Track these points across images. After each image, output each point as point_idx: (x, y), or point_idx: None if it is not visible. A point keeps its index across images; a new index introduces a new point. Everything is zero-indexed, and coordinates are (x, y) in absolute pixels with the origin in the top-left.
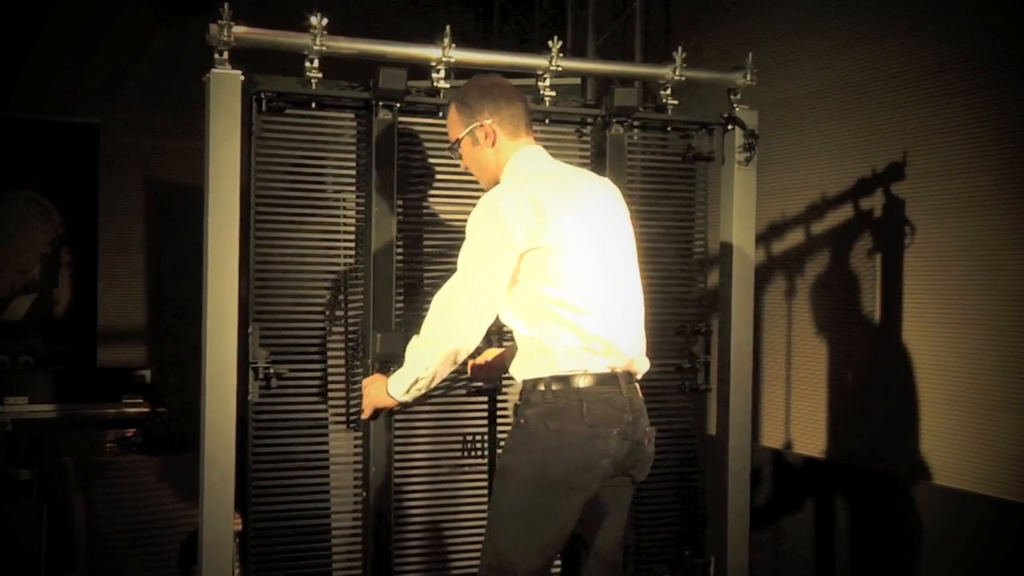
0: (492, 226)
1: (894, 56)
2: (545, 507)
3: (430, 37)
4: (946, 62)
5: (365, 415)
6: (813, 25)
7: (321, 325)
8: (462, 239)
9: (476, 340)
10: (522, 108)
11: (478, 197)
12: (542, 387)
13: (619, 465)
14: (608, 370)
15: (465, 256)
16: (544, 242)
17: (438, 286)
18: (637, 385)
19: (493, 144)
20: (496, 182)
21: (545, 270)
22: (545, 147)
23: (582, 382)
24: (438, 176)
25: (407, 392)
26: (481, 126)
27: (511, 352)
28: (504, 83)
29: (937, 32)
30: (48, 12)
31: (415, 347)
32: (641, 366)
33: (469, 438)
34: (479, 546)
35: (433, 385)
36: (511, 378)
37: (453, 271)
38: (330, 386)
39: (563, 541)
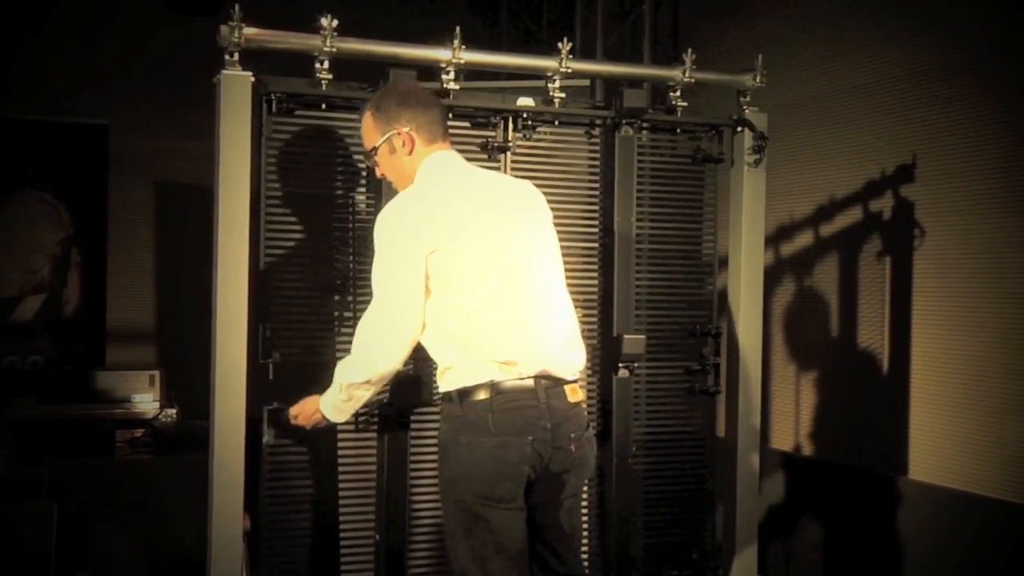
0: (397, 235)
1: (902, 59)
2: (477, 521)
3: (439, 39)
4: (953, 66)
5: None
6: (822, 28)
7: (330, 326)
8: None
9: (400, 362)
10: (439, 114)
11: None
12: (453, 401)
13: (546, 470)
14: (519, 379)
15: (376, 274)
16: (445, 248)
17: None
18: (567, 389)
19: (410, 152)
20: None
21: (448, 275)
22: (554, 149)
23: (488, 393)
24: None
25: (343, 415)
26: (399, 134)
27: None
28: (420, 89)
29: (943, 36)
30: (57, 13)
31: (345, 383)
32: (566, 371)
33: None
34: None
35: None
36: None
37: None
38: None
39: (515, 557)
